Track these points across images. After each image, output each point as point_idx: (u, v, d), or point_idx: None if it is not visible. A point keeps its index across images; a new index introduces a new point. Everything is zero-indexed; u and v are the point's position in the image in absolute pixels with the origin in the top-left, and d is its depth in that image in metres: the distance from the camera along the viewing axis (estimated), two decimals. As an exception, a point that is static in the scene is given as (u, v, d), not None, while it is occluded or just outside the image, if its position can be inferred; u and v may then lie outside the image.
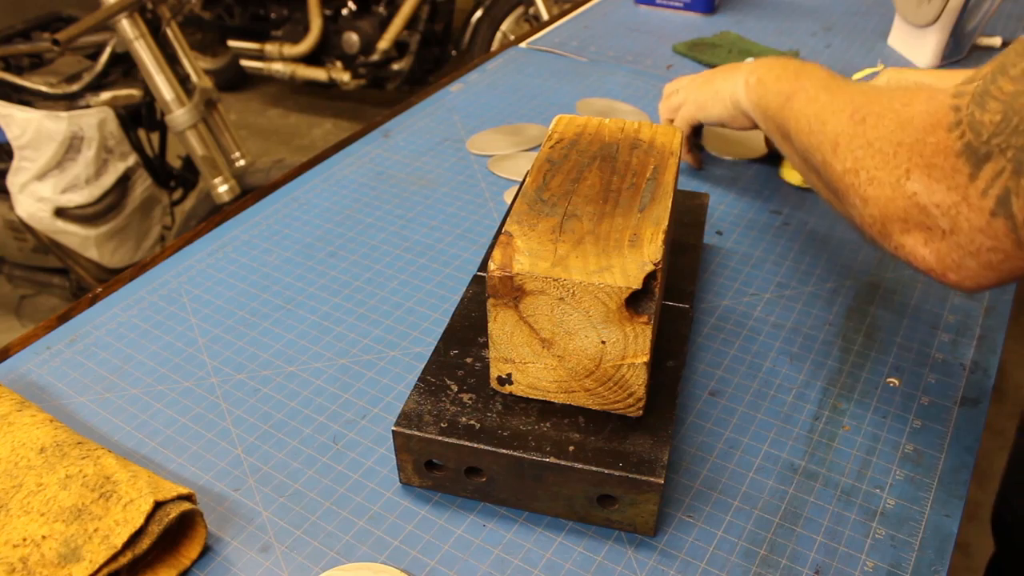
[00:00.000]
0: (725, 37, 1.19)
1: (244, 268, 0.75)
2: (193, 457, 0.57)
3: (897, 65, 1.09)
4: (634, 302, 0.47)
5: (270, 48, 2.95)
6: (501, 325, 0.50)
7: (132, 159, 1.76)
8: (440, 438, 0.51)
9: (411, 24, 2.79)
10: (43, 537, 0.47)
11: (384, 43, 2.77)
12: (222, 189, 1.72)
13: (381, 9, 2.80)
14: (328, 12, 2.84)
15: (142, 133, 1.84)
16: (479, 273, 0.64)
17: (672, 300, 0.62)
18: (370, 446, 0.57)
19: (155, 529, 0.47)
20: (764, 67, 0.68)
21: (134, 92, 1.74)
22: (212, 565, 0.50)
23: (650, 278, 0.47)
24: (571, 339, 0.49)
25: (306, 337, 0.67)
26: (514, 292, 0.48)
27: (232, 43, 3.05)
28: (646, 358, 0.49)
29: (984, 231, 0.41)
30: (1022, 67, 0.39)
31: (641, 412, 0.52)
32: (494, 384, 0.54)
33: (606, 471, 0.49)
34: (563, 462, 0.49)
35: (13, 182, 1.67)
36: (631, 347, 0.48)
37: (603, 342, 0.49)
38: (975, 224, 0.41)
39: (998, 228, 0.40)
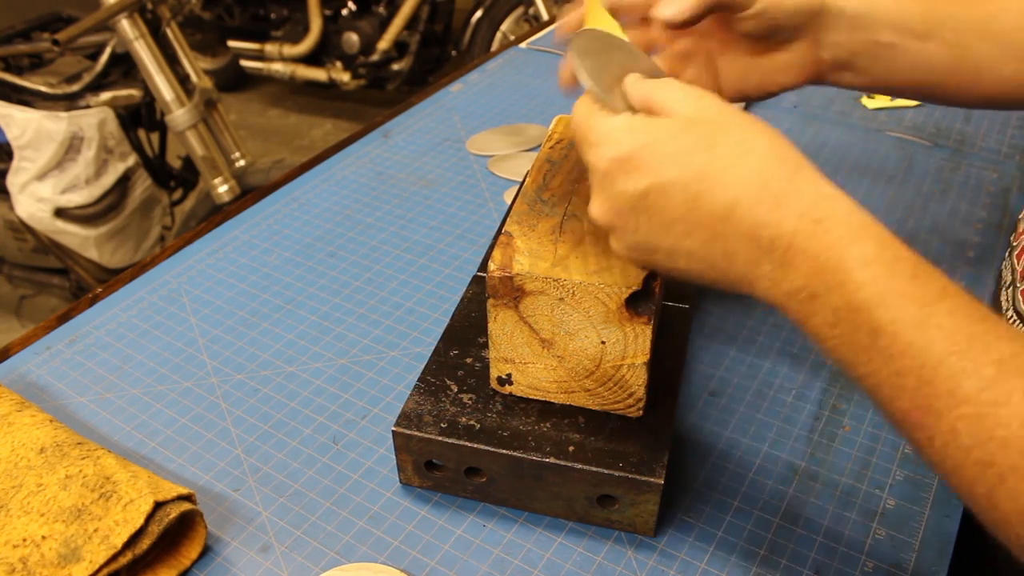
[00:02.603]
0: (725, 37, 1.19)
1: (244, 268, 0.75)
2: (193, 457, 0.57)
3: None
4: (634, 302, 0.47)
5: (270, 48, 2.95)
6: (501, 325, 0.50)
7: (132, 159, 1.76)
8: (440, 438, 0.51)
9: (411, 24, 2.79)
10: (43, 537, 0.47)
11: (384, 43, 2.77)
12: (222, 189, 1.72)
13: (381, 9, 2.80)
14: (328, 12, 2.84)
15: (142, 133, 1.84)
16: (479, 273, 0.64)
17: (672, 300, 0.62)
18: (370, 446, 0.57)
19: (155, 529, 0.47)
20: (829, 249, 0.35)
21: (134, 92, 1.74)
22: (212, 565, 0.50)
23: (650, 278, 0.47)
24: (571, 339, 0.49)
25: (306, 337, 0.67)
26: (514, 292, 0.48)
27: (232, 43, 3.05)
28: (646, 358, 0.49)
29: None
30: None
31: (641, 412, 0.51)
32: (494, 384, 0.54)
33: (606, 471, 0.48)
34: (563, 462, 0.49)
35: (13, 182, 1.67)
36: (631, 347, 0.48)
37: (603, 342, 0.49)
38: None
39: None
